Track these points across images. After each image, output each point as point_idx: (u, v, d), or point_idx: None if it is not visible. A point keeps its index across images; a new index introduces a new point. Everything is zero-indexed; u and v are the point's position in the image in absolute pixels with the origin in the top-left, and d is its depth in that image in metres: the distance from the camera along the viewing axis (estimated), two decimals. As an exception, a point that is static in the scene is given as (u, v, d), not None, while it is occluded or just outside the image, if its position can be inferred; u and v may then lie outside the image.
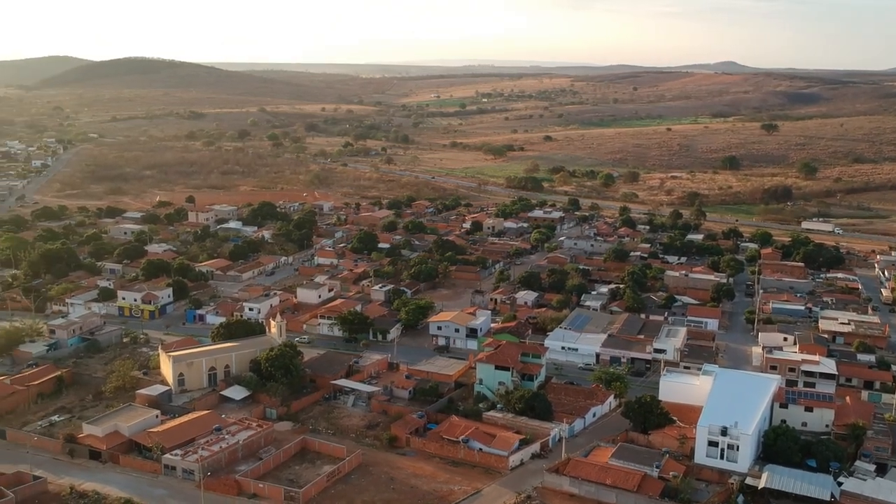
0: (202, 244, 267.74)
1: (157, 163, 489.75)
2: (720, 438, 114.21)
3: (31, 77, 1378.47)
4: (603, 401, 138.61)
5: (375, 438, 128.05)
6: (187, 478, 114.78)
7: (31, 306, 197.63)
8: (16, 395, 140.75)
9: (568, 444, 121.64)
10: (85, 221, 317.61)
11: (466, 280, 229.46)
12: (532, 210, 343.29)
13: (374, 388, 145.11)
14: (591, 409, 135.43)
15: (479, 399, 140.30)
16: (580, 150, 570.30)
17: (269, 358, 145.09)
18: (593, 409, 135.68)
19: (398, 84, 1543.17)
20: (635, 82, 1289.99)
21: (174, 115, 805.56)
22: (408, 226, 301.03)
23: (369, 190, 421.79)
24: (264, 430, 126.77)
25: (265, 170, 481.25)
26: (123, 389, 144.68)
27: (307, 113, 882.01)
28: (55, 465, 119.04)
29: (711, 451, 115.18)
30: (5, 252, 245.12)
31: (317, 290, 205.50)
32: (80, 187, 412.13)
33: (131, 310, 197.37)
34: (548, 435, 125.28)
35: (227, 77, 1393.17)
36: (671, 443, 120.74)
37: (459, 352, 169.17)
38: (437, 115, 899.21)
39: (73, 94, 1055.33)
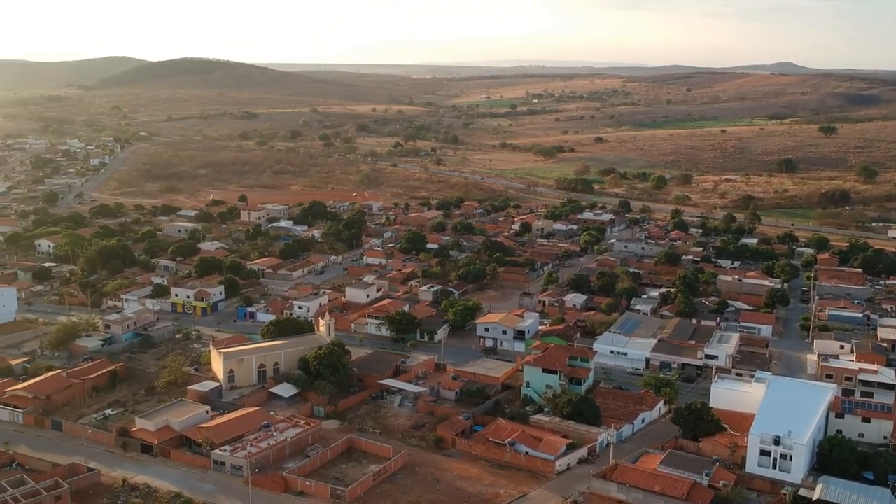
0: (254, 242, 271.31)
1: (210, 162, 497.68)
2: (773, 448, 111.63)
3: (90, 77, 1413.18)
4: (652, 406, 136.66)
5: (421, 439, 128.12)
6: (235, 474, 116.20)
7: (87, 301, 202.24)
8: (72, 389, 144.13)
9: (616, 450, 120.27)
10: (140, 219, 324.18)
11: (514, 282, 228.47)
12: (582, 212, 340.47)
13: (420, 388, 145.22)
14: (639, 414, 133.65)
15: (526, 402, 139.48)
16: (632, 151, 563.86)
17: (317, 356, 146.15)
18: (642, 415, 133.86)
19: (448, 85, 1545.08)
20: (689, 83, 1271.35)
21: (228, 115, 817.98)
22: (456, 226, 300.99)
23: (418, 190, 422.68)
24: (312, 428, 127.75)
25: (316, 169, 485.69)
26: (175, 385, 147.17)
27: (358, 113, 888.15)
28: (108, 458, 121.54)
29: (763, 460, 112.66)
30: (64, 248, 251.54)
31: (365, 290, 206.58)
32: (137, 185, 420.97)
33: (184, 306, 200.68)
34: (595, 440, 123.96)
35: (280, 77, 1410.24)
36: (722, 451, 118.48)
37: (507, 354, 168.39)
38: (487, 116, 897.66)
39: (130, 94, 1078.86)
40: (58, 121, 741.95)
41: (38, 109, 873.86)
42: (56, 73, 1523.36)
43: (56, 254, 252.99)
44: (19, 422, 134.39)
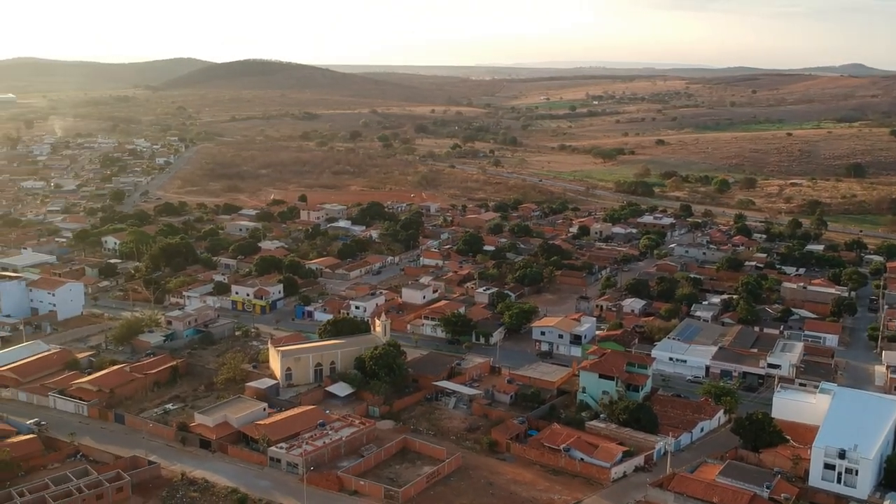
0: (312, 242, 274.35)
1: (272, 162, 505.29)
2: (837, 461, 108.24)
3: (157, 78, 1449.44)
4: (712, 415, 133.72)
5: (475, 442, 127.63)
6: (291, 471, 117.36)
7: (150, 298, 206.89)
8: (134, 383, 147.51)
9: (673, 459, 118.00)
10: (203, 217, 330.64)
11: (572, 285, 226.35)
12: (642, 215, 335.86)
13: (475, 390, 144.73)
14: (698, 423, 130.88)
15: (582, 408, 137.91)
16: (694, 154, 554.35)
17: (373, 356, 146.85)
18: (701, 424, 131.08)
19: (508, 86, 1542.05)
20: (754, 85, 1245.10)
21: (289, 116, 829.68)
22: (514, 229, 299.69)
23: (476, 192, 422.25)
24: (367, 427, 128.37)
25: (375, 170, 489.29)
26: (234, 381, 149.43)
27: (417, 114, 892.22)
28: (168, 452, 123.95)
29: (827, 474, 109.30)
30: (129, 245, 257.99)
31: (421, 291, 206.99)
32: (200, 184, 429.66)
33: (244, 304, 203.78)
34: (652, 448, 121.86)
35: (340, 79, 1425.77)
36: (784, 463, 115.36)
37: (563, 358, 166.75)
38: (546, 118, 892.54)
39: (195, 95, 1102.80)
40: (125, 121, 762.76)
41: (107, 109, 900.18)
42: (125, 74, 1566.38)
43: (122, 251, 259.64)
44: (84, 414, 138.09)
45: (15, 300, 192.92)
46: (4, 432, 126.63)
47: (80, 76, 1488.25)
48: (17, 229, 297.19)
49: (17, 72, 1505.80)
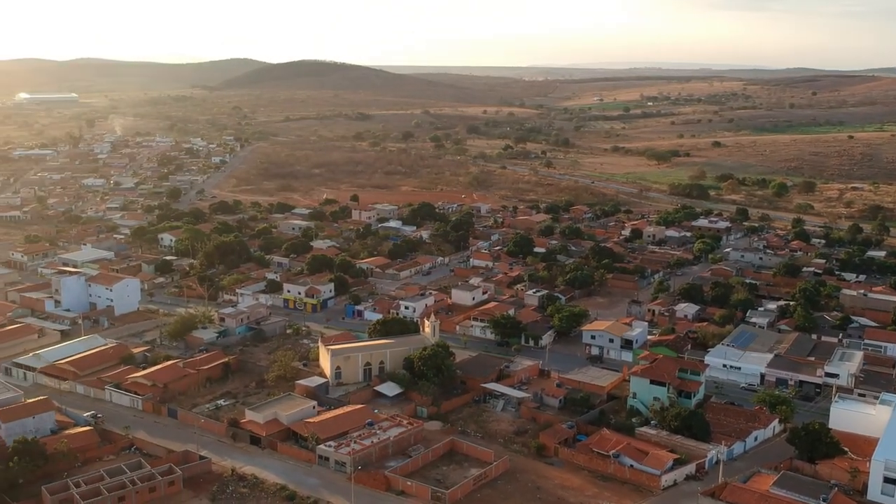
0: (363, 242, 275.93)
1: (325, 162, 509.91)
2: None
3: (214, 78, 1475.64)
4: (766, 424, 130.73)
5: (523, 445, 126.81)
6: (339, 469, 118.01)
7: (204, 294, 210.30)
8: (187, 378, 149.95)
9: (726, 468, 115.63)
10: (257, 216, 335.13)
11: (623, 289, 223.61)
12: (696, 219, 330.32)
13: (524, 394, 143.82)
14: (752, 432, 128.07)
15: (632, 413, 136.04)
16: (751, 157, 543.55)
17: (421, 357, 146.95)
18: (755, 433, 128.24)
19: (561, 87, 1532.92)
20: (814, 86, 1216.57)
21: (343, 116, 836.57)
22: (565, 231, 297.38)
23: (527, 193, 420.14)
24: (414, 428, 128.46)
25: (426, 170, 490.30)
26: (284, 379, 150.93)
27: (469, 115, 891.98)
28: (219, 447, 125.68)
29: (888, 488, 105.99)
30: (184, 242, 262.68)
31: (471, 292, 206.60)
32: (254, 183, 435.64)
33: (295, 302, 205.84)
34: (704, 456, 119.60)
35: (393, 79, 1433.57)
36: (841, 475, 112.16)
37: (613, 363, 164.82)
38: (600, 119, 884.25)
39: (251, 95, 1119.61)
40: (183, 120, 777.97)
41: (165, 109, 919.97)
42: (183, 75, 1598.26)
43: (177, 248, 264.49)
44: (139, 408, 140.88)
45: (75, 295, 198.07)
46: (63, 424, 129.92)
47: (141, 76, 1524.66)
48: (77, 225, 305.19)
49: (80, 72, 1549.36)
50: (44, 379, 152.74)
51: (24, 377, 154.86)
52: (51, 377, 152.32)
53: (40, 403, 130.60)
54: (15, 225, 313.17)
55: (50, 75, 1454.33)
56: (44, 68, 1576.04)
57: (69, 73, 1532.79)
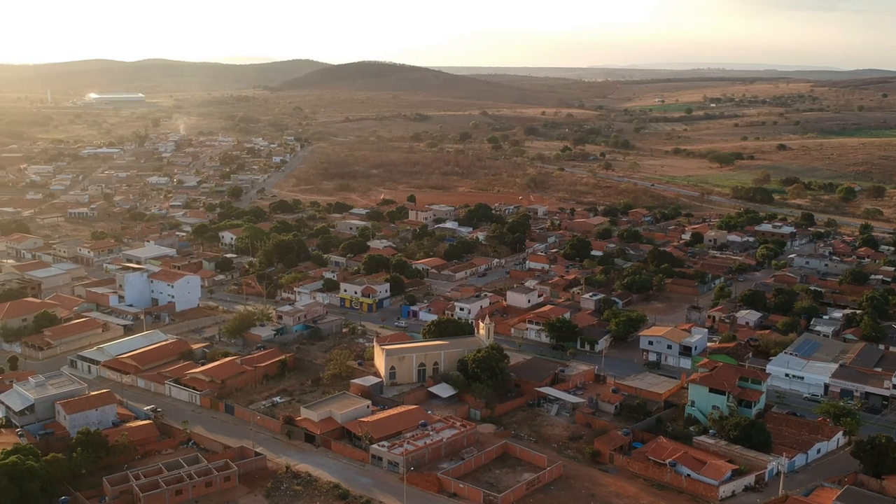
0: (420, 242, 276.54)
1: (383, 162, 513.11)
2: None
3: (276, 79, 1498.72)
4: (830, 437, 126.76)
5: (578, 451, 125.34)
6: (392, 470, 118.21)
7: (263, 292, 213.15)
8: (245, 375, 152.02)
9: (786, 480, 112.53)
10: (315, 215, 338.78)
11: (683, 294, 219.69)
12: (759, 223, 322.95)
13: (579, 399, 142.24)
14: (815, 444, 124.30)
15: (690, 422, 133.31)
16: (818, 160, 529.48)
17: (476, 359, 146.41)
18: (818, 445, 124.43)
19: (621, 88, 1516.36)
20: (885, 88, 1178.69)
21: (401, 117, 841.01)
22: (623, 234, 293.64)
23: (585, 195, 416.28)
24: (468, 430, 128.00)
25: (483, 172, 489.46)
26: (339, 377, 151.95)
27: (527, 116, 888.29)
28: (274, 444, 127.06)
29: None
30: (245, 241, 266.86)
31: (526, 295, 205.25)
32: (314, 183, 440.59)
33: (351, 302, 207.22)
34: (764, 468, 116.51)
35: (452, 80, 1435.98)
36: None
37: (671, 370, 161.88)
38: (661, 121, 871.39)
39: (312, 96, 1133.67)
40: (245, 120, 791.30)
41: (228, 109, 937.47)
42: (246, 75, 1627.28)
43: (237, 246, 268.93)
44: (197, 403, 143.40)
45: (137, 291, 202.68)
46: (124, 417, 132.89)
47: (205, 76, 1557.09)
48: (141, 223, 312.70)
49: (146, 72, 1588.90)
50: (107, 372, 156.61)
51: (88, 370, 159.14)
52: (113, 371, 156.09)
53: (103, 396, 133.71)
54: (83, 221, 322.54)
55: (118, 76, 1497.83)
56: (112, 69, 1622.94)
57: (136, 73, 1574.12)
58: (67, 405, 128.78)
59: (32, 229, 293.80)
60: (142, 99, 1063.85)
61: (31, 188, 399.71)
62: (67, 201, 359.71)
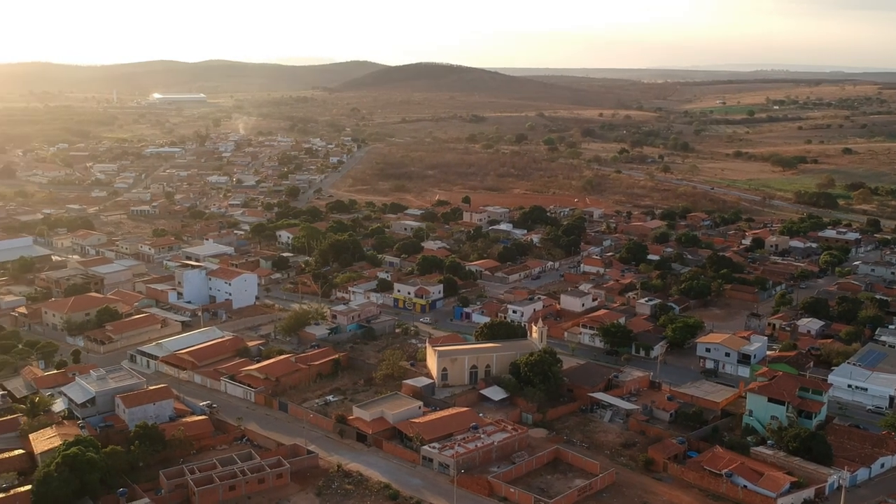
0: (474, 244, 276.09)
1: (438, 163, 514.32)
2: None
3: (334, 80, 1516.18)
4: (894, 451, 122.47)
5: (631, 458, 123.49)
6: (442, 471, 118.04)
7: (318, 291, 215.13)
8: (299, 373, 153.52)
9: (848, 495, 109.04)
10: (371, 216, 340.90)
11: (742, 301, 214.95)
12: (823, 229, 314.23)
13: (633, 405, 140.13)
14: (878, 458, 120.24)
15: (748, 432, 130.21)
16: (885, 165, 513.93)
17: (528, 362, 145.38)
18: (882, 460, 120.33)
19: (681, 89, 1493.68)
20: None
21: (457, 118, 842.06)
22: (681, 238, 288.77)
23: (642, 198, 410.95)
24: (519, 434, 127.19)
25: (539, 174, 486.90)
26: (391, 378, 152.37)
27: (584, 118, 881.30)
28: (326, 443, 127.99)
29: None
30: (301, 240, 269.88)
31: (581, 299, 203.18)
32: (370, 183, 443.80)
33: (405, 302, 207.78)
34: (825, 481, 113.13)
35: (508, 81, 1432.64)
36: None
37: (728, 378, 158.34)
38: (722, 123, 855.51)
39: (369, 97, 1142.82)
40: (303, 120, 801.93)
41: (287, 109, 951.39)
42: (305, 76, 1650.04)
43: (294, 245, 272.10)
44: (251, 400, 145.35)
45: (196, 288, 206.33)
46: (180, 412, 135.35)
47: (265, 77, 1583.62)
48: (201, 221, 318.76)
49: (208, 73, 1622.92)
50: (165, 367, 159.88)
51: (147, 365, 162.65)
52: (171, 366, 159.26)
53: (161, 391, 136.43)
54: (145, 219, 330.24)
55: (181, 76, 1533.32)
56: (175, 70, 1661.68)
57: (198, 74, 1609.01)
58: (127, 399, 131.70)
59: (96, 226, 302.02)
60: (203, 99, 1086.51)
61: (96, 186, 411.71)
62: (130, 199, 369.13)
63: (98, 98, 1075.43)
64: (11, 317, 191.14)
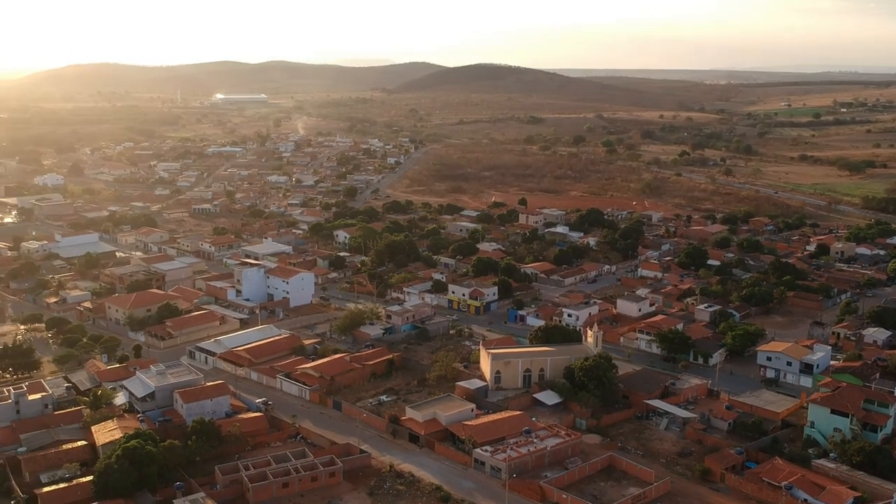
0: (529, 246, 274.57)
1: (495, 164, 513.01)
2: None
3: (393, 81, 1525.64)
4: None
5: (687, 468, 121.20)
6: (494, 475, 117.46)
7: (373, 291, 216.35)
8: (353, 373, 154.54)
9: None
10: (427, 216, 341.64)
11: (805, 308, 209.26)
12: (892, 236, 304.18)
13: (690, 413, 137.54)
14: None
15: (809, 444, 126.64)
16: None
17: (583, 367, 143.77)
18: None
19: (744, 91, 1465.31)
20: None
21: (515, 120, 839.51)
22: (743, 243, 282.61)
23: (703, 202, 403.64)
24: (572, 439, 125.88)
25: (597, 176, 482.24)
26: (445, 379, 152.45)
27: (644, 120, 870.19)
28: (379, 442, 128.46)
29: None
30: (358, 240, 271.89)
31: (637, 303, 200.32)
32: (426, 184, 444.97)
33: (459, 304, 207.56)
34: (889, 497, 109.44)
35: (567, 83, 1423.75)
36: None
37: (790, 387, 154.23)
38: (787, 125, 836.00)
39: (427, 98, 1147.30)
40: (362, 121, 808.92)
41: (346, 110, 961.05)
42: (364, 77, 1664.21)
43: (351, 244, 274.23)
44: (306, 398, 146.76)
45: (254, 286, 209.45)
46: (237, 408, 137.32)
47: (325, 78, 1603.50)
48: (260, 220, 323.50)
49: (269, 74, 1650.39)
50: (222, 364, 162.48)
51: (205, 361, 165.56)
52: (228, 363, 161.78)
53: (218, 387, 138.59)
54: (206, 217, 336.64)
55: (243, 77, 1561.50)
56: (237, 71, 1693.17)
57: (260, 75, 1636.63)
58: (185, 394, 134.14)
59: (159, 224, 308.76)
60: (264, 100, 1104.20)
61: (159, 184, 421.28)
62: (192, 197, 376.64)
63: (163, 98, 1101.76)
64: (77, 311, 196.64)
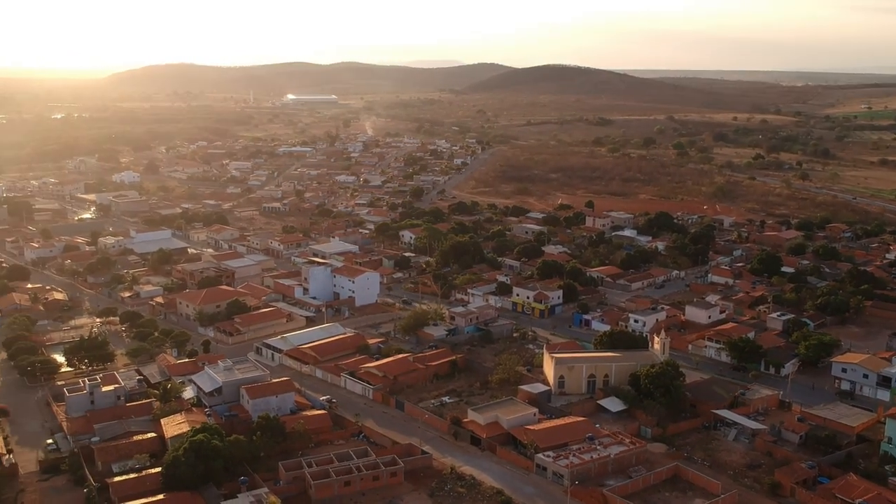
0: (596, 249, 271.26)
1: (562, 166, 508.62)
2: None
3: (461, 82, 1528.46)
4: None
5: (755, 480, 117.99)
6: (556, 481, 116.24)
7: (438, 292, 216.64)
8: (416, 373, 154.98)
9: None
10: (492, 218, 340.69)
11: (884, 319, 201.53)
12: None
13: (760, 425, 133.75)
14: None
15: (886, 460, 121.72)
16: None
17: (649, 374, 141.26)
18: None
19: (823, 93, 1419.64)
20: None
21: (583, 121, 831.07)
22: (818, 250, 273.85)
23: (777, 207, 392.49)
24: (637, 447, 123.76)
25: (666, 179, 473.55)
26: (507, 382, 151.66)
27: (717, 122, 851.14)
28: (440, 444, 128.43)
29: None
30: (423, 240, 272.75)
31: (707, 310, 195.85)
32: (492, 186, 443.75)
33: (523, 306, 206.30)
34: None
35: (638, 84, 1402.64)
36: None
37: (866, 401, 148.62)
38: (867, 129, 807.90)
39: (495, 99, 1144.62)
40: (429, 122, 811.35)
41: (414, 111, 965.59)
42: (433, 78, 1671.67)
43: (416, 245, 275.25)
44: (369, 397, 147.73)
45: (321, 284, 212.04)
46: (301, 405, 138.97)
47: (394, 79, 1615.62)
48: (328, 219, 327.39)
49: (339, 75, 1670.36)
50: (288, 361, 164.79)
51: (271, 357, 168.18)
52: (294, 360, 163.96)
53: (283, 384, 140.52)
54: (275, 216, 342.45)
55: (314, 78, 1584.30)
56: (309, 71, 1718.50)
57: (330, 76, 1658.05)
58: (251, 390, 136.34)
59: (230, 221, 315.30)
60: (334, 100, 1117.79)
61: (231, 183, 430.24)
62: (262, 196, 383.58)
63: (236, 98, 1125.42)
64: (150, 306, 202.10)
